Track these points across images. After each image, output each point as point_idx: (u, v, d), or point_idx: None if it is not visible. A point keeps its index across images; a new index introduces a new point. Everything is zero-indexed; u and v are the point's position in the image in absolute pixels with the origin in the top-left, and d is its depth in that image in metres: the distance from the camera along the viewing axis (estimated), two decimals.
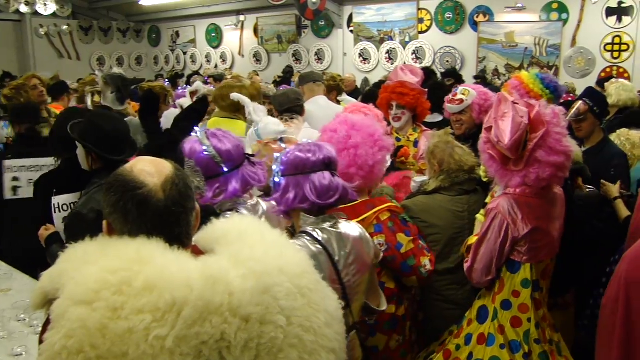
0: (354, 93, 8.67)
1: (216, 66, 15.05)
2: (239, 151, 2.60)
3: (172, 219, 1.42)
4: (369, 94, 6.13)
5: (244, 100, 3.57)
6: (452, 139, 3.18)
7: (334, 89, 5.68)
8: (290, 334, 1.30)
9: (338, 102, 5.83)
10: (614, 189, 3.41)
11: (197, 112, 4.32)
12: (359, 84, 10.89)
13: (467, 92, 4.01)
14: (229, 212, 2.44)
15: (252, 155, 2.73)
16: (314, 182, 2.24)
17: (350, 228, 2.31)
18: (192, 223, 1.49)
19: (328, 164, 2.30)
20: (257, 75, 11.15)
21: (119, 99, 5.09)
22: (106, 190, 1.44)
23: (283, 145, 2.76)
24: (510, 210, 2.56)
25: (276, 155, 2.39)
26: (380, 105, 4.26)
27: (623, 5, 10.01)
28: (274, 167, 2.34)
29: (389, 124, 4.17)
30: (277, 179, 2.31)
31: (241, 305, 1.25)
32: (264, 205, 2.68)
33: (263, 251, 1.36)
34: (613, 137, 4.16)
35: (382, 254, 2.52)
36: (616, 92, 5.77)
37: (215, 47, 15.59)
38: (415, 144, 4.14)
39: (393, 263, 2.73)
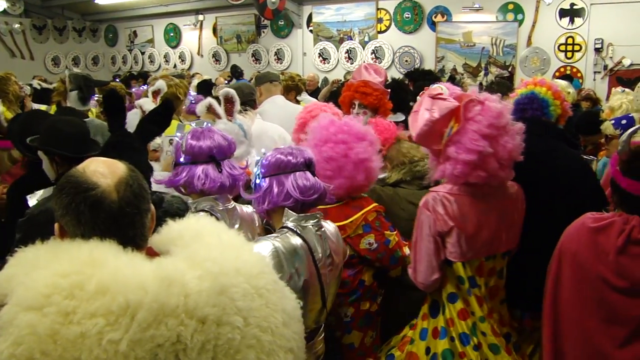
0: (315, 93, 8.68)
1: (175, 66, 14.87)
2: (207, 151, 2.60)
3: (126, 221, 1.39)
4: (333, 92, 6.16)
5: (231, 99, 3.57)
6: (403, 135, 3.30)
7: (293, 88, 5.66)
8: (248, 335, 1.29)
9: (297, 102, 5.82)
10: None
11: (161, 115, 4.25)
12: (319, 83, 10.91)
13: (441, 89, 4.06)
14: (201, 213, 2.42)
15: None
16: (296, 180, 2.32)
17: (329, 228, 2.42)
18: (147, 224, 1.46)
19: (309, 165, 2.38)
20: (230, 77, 11.05)
21: (81, 99, 4.97)
22: (58, 192, 1.40)
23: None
24: (434, 206, 2.55)
25: (256, 158, 2.47)
26: (343, 104, 4.28)
27: (575, 7, 10.29)
28: (254, 170, 2.42)
29: None
30: (258, 181, 2.38)
31: (197, 306, 1.23)
32: (239, 209, 2.68)
33: (219, 252, 1.35)
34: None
35: (347, 254, 2.55)
36: None
37: (174, 47, 15.41)
38: None
39: (383, 259, 2.80)
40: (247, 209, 2.70)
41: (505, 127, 2.48)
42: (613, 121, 3.91)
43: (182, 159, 2.62)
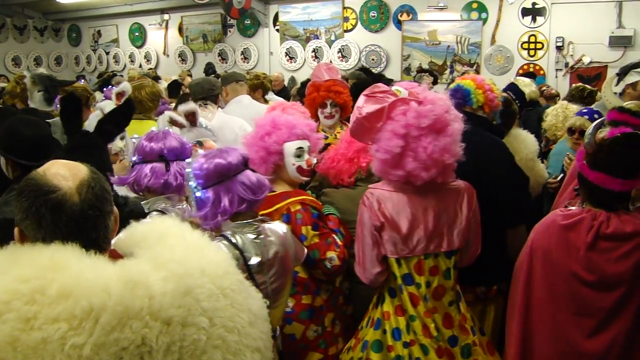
0: (282, 92, 8.67)
1: (140, 66, 14.67)
2: (157, 151, 2.66)
3: (88, 223, 1.37)
4: (301, 92, 6.16)
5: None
6: None
7: (259, 87, 5.65)
8: (214, 335, 1.29)
9: (265, 101, 5.81)
10: None
11: (121, 115, 4.21)
12: (286, 82, 10.89)
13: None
14: (154, 212, 2.41)
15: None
16: (243, 182, 2.23)
17: (275, 232, 2.31)
18: (110, 227, 1.45)
19: (246, 162, 2.31)
20: (190, 75, 10.95)
21: (46, 100, 4.91)
22: (17, 195, 1.37)
23: (200, 151, 2.69)
24: (370, 202, 2.59)
25: (186, 170, 2.34)
26: (312, 104, 4.27)
27: (537, 6, 10.47)
28: (190, 183, 2.27)
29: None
30: (199, 194, 2.23)
31: (162, 308, 1.23)
32: (189, 210, 2.67)
33: (184, 253, 1.34)
34: (550, 109, 4.47)
35: (304, 257, 2.51)
36: None
37: (139, 47, 15.20)
38: None
39: (298, 254, 2.77)
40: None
41: (430, 127, 2.46)
42: (587, 116, 4.00)
43: (134, 158, 2.74)
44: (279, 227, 2.35)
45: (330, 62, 11.85)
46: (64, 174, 1.38)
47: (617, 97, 3.90)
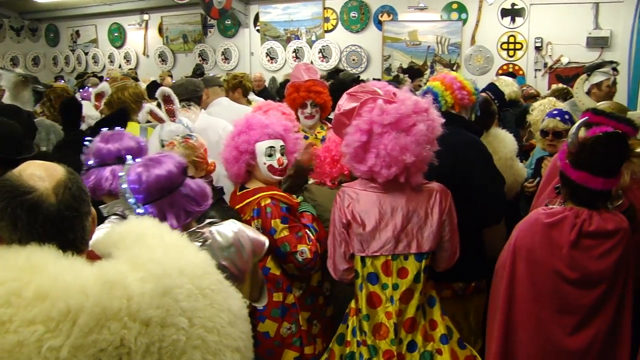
0: (263, 92, 8.64)
1: (120, 67, 14.54)
2: (115, 153, 2.58)
3: (65, 224, 1.36)
4: (280, 93, 6.16)
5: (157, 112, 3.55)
6: None
7: (237, 86, 5.60)
8: (193, 336, 1.28)
9: (248, 102, 5.78)
10: None
11: (118, 120, 4.19)
12: (267, 83, 10.87)
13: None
14: (114, 217, 2.34)
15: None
16: (187, 194, 2.07)
17: (224, 235, 2.15)
18: (87, 228, 1.43)
19: (185, 170, 2.13)
20: (171, 76, 10.87)
21: (35, 100, 5.07)
22: None
23: (130, 161, 2.24)
24: (341, 199, 2.66)
25: (122, 186, 2.05)
26: (292, 104, 4.26)
27: (516, 7, 10.58)
28: (129, 200, 2.00)
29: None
30: (140, 211, 1.97)
31: (140, 309, 1.22)
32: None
33: (162, 253, 1.33)
34: (537, 103, 4.56)
35: (265, 249, 2.36)
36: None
37: (119, 47, 15.06)
38: (323, 140, 4.18)
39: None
40: None
41: (393, 125, 2.48)
42: (558, 117, 4.04)
43: (90, 162, 2.60)
44: (227, 228, 2.18)
45: (311, 62, 11.88)
46: (40, 174, 1.36)
47: (589, 97, 3.94)
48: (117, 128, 2.80)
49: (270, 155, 2.99)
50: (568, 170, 2.45)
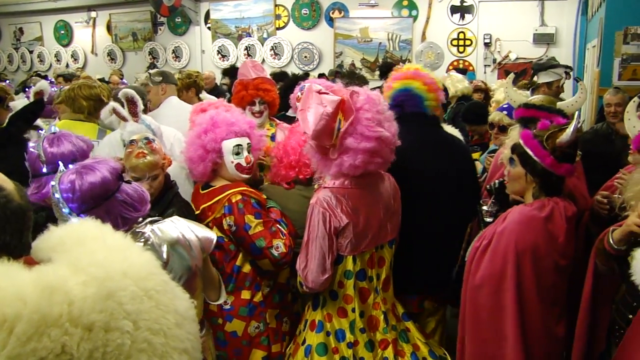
0: (214, 90, 8.54)
1: (67, 65, 14.17)
2: (70, 156, 2.49)
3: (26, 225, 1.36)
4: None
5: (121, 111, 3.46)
6: None
7: (191, 86, 5.52)
8: (139, 339, 1.24)
9: (200, 100, 5.69)
10: None
11: (31, 112, 4.08)
12: (218, 81, 10.76)
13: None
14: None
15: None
16: (124, 201, 1.98)
17: (165, 232, 2.07)
18: (25, 231, 1.39)
19: (120, 175, 2.03)
20: (121, 75, 10.64)
21: None
22: None
23: (62, 168, 2.09)
24: (329, 202, 2.55)
25: (55, 195, 1.93)
26: (240, 102, 4.20)
27: (465, 4, 10.77)
28: (63, 210, 1.89)
29: None
30: (75, 220, 1.83)
31: (82, 314, 1.17)
32: None
33: (105, 256, 1.29)
34: (499, 82, 4.60)
35: (213, 245, 2.30)
36: (452, 85, 6.51)
37: (66, 46, 14.69)
38: (273, 138, 4.15)
39: (243, 244, 2.81)
40: None
41: (383, 113, 2.55)
42: (505, 112, 4.10)
43: (44, 170, 2.47)
44: (170, 225, 2.12)
45: (263, 60, 11.83)
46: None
47: (517, 92, 3.99)
48: (55, 128, 2.69)
49: (237, 154, 2.94)
50: (554, 166, 2.46)
